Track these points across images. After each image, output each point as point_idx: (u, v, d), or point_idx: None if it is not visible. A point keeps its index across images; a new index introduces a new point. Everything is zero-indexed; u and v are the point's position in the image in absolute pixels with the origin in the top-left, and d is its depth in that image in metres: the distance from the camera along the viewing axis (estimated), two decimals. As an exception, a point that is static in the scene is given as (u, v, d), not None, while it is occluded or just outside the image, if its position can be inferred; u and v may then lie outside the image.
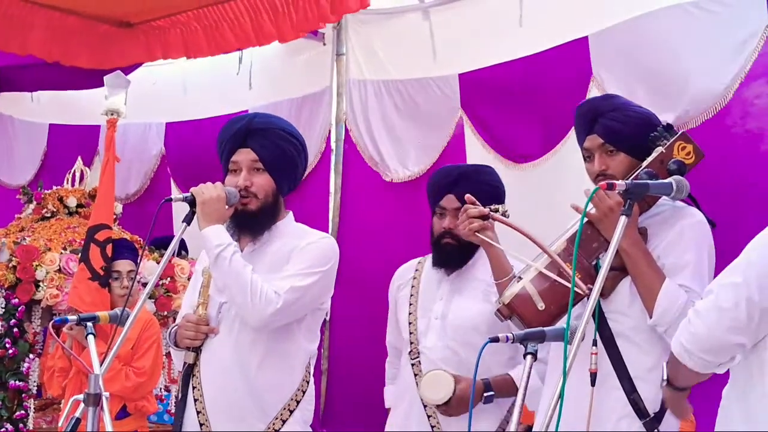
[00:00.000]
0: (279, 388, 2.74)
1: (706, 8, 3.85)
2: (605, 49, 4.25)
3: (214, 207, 2.66)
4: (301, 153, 2.86)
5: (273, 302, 2.63)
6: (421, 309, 3.22)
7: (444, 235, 3.17)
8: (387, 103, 5.22)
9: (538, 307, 2.49)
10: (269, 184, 2.78)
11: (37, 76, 5.72)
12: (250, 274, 2.65)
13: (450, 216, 3.15)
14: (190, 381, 2.77)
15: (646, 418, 2.45)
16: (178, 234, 2.64)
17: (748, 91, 3.73)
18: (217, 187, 2.70)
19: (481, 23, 4.81)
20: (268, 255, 2.79)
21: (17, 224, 5.01)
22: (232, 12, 4.91)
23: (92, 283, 4.19)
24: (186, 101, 6.23)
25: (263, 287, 2.64)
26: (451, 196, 3.16)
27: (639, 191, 2.11)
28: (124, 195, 6.34)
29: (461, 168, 3.32)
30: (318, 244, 2.79)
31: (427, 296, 3.24)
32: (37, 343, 4.54)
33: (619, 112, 2.63)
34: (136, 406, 4.13)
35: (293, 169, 2.85)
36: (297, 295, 2.68)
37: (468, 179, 3.16)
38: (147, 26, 5.23)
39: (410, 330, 3.22)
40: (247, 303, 2.64)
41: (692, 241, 2.51)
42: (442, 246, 3.19)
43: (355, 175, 5.34)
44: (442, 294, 3.20)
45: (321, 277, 2.74)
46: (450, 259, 3.19)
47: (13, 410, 4.42)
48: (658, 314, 2.43)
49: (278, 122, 2.90)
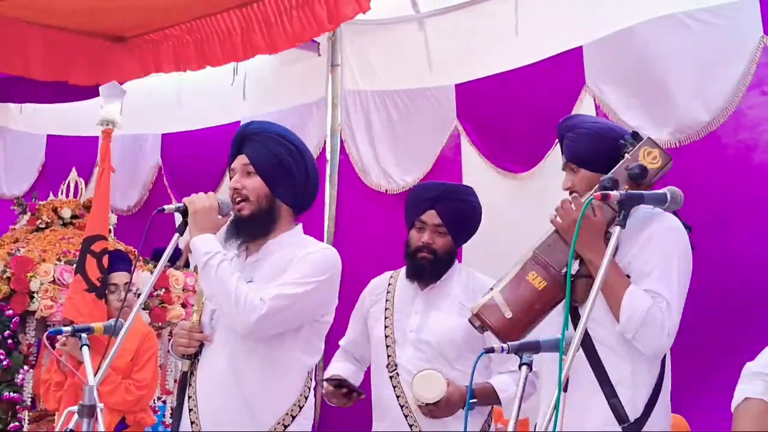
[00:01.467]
0: (273, 402, 2.70)
1: (701, 19, 3.87)
2: (599, 59, 4.26)
3: (206, 216, 2.66)
4: (296, 157, 2.79)
5: (257, 308, 2.59)
6: (397, 323, 3.24)
7: (421, 249, 3.19)
8: (381, 114, 5.23)
9: (506, 316, 2.51)
10: (261, 188, 2.75)
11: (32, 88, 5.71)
12: (236, 281, 2.63)
13: (429, 231, 3.19)
14: (186, 389, 2.76)
15: (626, 423, 2.46)
16: (171, 244, 2.64)
17: (742, 102, 3.75)
18: (209, 197, 2.70)
19: (476, 34, 4.82)
20: (270, 265, 2.76)
21: (11, 235, 5.00)
22: (224, 24, 4.91)
23: (88, 295, 4.16)
24: (181, 112, 6.24)
25: (248, 294, 2.61)
26: (433, 212, 3.19)
27: (633, 202, 2.12)
28: (125, 207, 6.35)
29: (445, 185, 3.35)
30: (315, 255, 2.74)
31: (402, 310, 3.26)
32: (31, 354, 4.53)
33: (572, 132, 2.71)
34: (135, 418, 4.12)
35: (286, 172, 2.77)
36: (284, 303, 2.63)
37: (451, 197, 3.23)
38: (140, 40, 5.24)
39: (387, 343, 3.23)
40: (231, 310, 2.61)
41: (660, 245, 2.52)
42: (418, 260, 3.21)
43: (350, 185, 5.34)
44: (417, 309, 3.23)
45: (315, 287, 2.68)
46: (425, 273, 3.22)
47: (8, 422, 4.40)
48: (623, 322, 2.44)
49: (271, 127, 2.87)
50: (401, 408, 3.14)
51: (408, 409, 3.12)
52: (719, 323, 3.72)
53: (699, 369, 3.57)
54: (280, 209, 2.80)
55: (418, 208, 3.23)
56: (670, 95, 3.95)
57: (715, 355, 3.69)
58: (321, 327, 2.82)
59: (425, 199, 3.24)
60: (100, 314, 4.07)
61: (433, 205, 3.20)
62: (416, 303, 3.25)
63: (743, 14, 3.73)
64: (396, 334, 3.22)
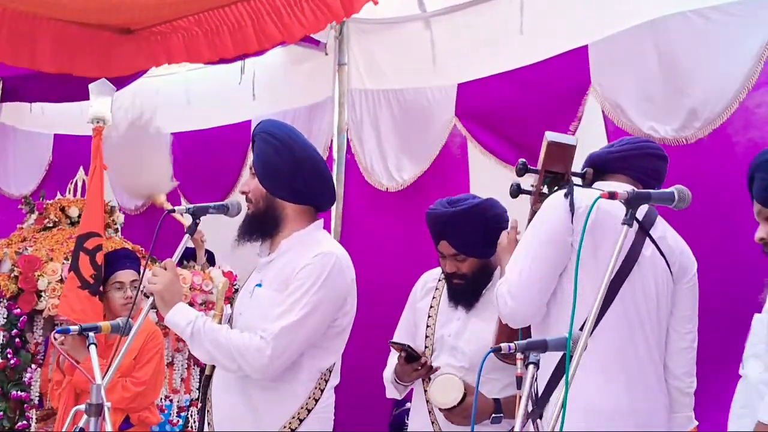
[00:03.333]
0: (279, 408, 2.70)
1: (709, 17, 3.85)
2: (605, 57, 4.25)
3: (170, 291, 2.67)
4: (282, 152, 2.73)
5: (263, 350, 2.60)
6: (439, 323, 3.19)
7: (452, 276, 3.15)
8: (387, 113, 5.23)
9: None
10: (257, 188, 2.78)
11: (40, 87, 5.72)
12: (226, 334, 2.65)
13: (450, 260, 3.13)
14: (207, 392, 2.82)
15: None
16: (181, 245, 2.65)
17: (751, 100, 3.73)
18: (167, 270, 2.69)
19: (481, 32, 4.82)
20: (276, 270, 2.76)
21: (19, 234, 5.01)
22: (233, 16, 4.88)
23: (82, 292, 4.15)
24: (190, 112, 6.24)
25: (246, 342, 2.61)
26: (445, 243, 3.12)
27: (640, 201, 2.13)
28: (133, 206, 6.35)
29: (452, 211, 3.12)
30: (310, 268, 2.68)
31: (445, 313, 3.20)
32: (38, 353, 4.54)
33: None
34: (139, 417, 4.11)
35: (275, 169, 2.75)
36: (289, 338, 2.62)
37: (457, 224, 3.08)
38: (148, 32, 5.22)
39: (426, 344, 3.18)
40: (238, 365, 2.63)
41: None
42: (453, 286, 3.17)
43: (357, 184, 5.35)
44: (460, 315, 3.17)
45: (314, 305, 2.65)
46: (462, 298, 3.16)
47: (15, 420, 4.41)
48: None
49: (266, 125, 2.84)
50: (428, 414, 3.11)
51: (434, 415, 3.09)
52: (727, 322, 3.70)
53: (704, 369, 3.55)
54: (283, 208, 2.79)
55: (433, 238, 3.18)
56: (677, 93, 3.94)
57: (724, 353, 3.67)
58: (333, 331, 2.78)
59: (434, 232, 3.16)
60: (94, 311, 4.07)
61: (444, 237, 3.12)
62: (460, 308, 3.18)
63: (752, 11, 3.72)
64: (435, 337, 3.17)
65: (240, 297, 2.91)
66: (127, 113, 5.81)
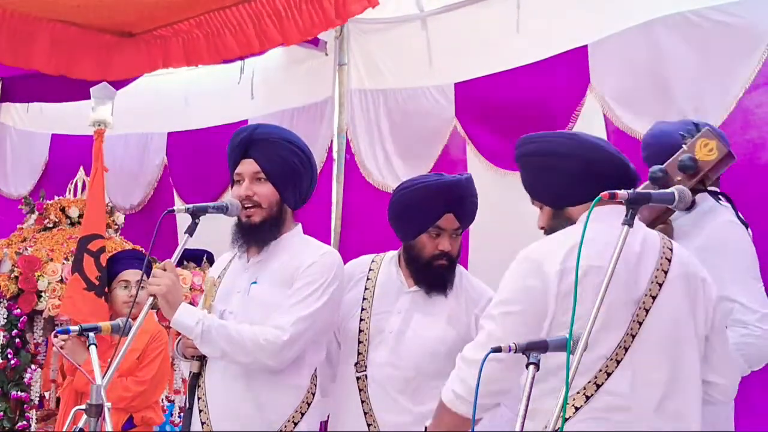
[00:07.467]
0: (284, 401, 2.73)
1: (708, 17, 3.85)
2: (604, 58, 4.25)
3: (174, 293, 2.67)
4: (306, 164, 2.85)
5: (279, 337, 2.63)
6: (375, 318, 2.93)
7: (439, 257, 2.88)
8: (386, 113, 5.24)
9: None
10: (273, 195, 2.79)
11: (38, 87, 5.72)
12: (237, 328, 2.67)
13: (448, 237, 2.89)
14: (195, 390, 2.79)
15: None
16: (180, 245, 2.65)
17: (750, 101, 3.73)
18: (168, 271, 2.69)
19: (478, 32, 4.81)
20: (273, 268, 2.79)
21: (19, 235, 5.01)
22: (234, 18, 4.90)
23: (88, 294, 4.17)
24: (188, 111, 6.24)
25: (260, 332, 2.64)
26: (451, 216, 2.89)
27: (640, 201, 2.12)
28: (128, 206, 6.35)
29: (462, 183, 2.92)
30: (321, 263, 2.76)
31: (382, 304, 2.95)
32: (39, 353, 4.54)
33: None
34: (142, 417, 4.11)
35: (297, 180, 2.83)
36: (306, 324, 2.68)
37: (464, 197, 2.92)
38: (148, 36, 5.23)
39: (360, 339, 2.92)
40: (254, 357, 2.65)
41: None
42: (435, 268, 2.89)
43: (357, 185, 5.34)
44: (401, 308, 2.93)
45: (330, 297, 2.74)
46: (444, 282, 2.91)
47: (15, 421, 4.41)
48: None
49: (281, 132, 2.90)
50: (365, 415, 2.85)
51: (372, 417, 2.84)
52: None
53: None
54: (286, 212, 2.85)
55: (432, 213, 2.88)
56: (676, 94, 3.94)
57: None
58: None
59: (440, 203, 2.88)
60: (100, 312, 4.07)
61: (451, 209, 2.89)
62: (401, 301, 2.94)
63: (752, 13, 3.72)
64: (371, 331, 2.90)
65: (225, 296, 2.84)
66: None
